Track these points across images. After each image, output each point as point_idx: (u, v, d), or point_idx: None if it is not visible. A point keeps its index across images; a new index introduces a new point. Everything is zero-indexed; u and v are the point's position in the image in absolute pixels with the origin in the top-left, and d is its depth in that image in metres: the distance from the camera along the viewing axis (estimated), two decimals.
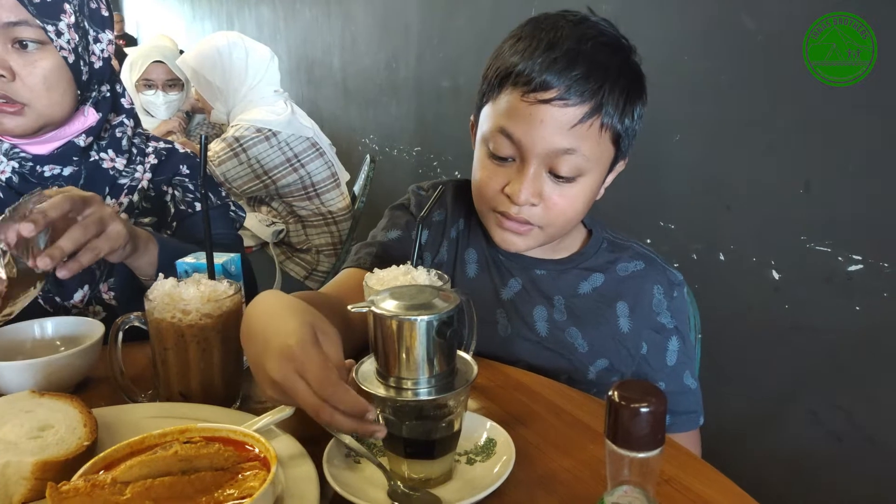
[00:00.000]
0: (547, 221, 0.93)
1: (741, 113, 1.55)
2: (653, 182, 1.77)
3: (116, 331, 0.77)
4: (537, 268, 1.02)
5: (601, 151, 0.91)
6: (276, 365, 0.60)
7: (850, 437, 1.44)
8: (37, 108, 1.03)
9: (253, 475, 0.57)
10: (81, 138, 1.10)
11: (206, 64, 2.32)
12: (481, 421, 0.73)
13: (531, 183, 0.89)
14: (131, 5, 8.98)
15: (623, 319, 1.00)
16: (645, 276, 1.01)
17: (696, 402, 1.02)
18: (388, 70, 3.13)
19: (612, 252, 1.04)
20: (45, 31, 1.01)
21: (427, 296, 0.62)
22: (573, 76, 0.85)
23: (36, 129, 1.05)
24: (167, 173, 1.19)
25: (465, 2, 2.52)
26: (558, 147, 0.87)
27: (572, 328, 0.99)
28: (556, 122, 0.86)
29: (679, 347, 1.01)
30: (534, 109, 0.87)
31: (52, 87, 1.04)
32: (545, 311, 1.00)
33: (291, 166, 2.27)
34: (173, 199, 1.19)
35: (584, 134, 0.88)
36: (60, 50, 1.03)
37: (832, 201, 1.40)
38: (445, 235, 1.05)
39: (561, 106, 0.86)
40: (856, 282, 1.38)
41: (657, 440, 0.48)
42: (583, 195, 0.93)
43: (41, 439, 0.64)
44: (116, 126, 1.15)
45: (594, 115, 0.87)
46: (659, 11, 1.71)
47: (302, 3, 4.02)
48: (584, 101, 0.86)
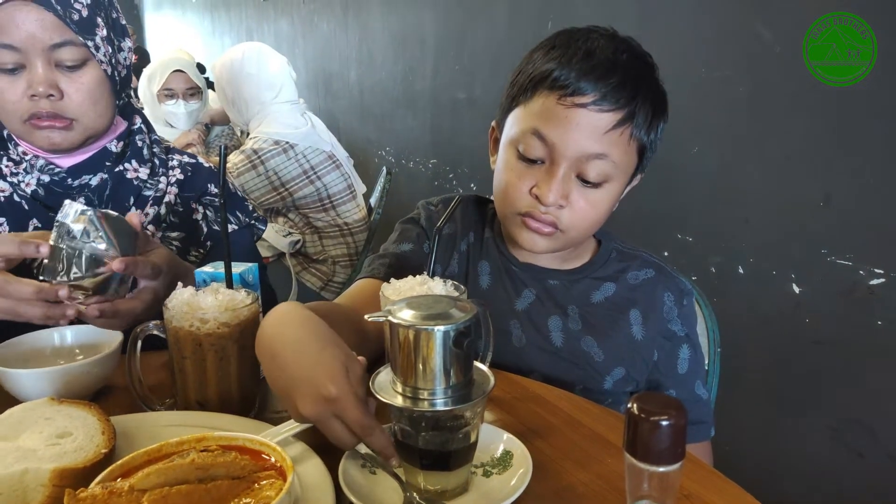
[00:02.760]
0: (570, 225, 0.94)
1: (758, 124, 1.54)
2: (671, 194, 1.76)
3: (135, 339, 0.78)
4: (550, 278, 1.03)
5: (628, 161, 0.93)
6: (312, 406, 0.62)
7: (871, 452, 1.41)
8: (84, 122, 1.06)
9: (269, 484, 0.57)
10: (113, 143, 1.12)
11: (224, 75, 2.35)
12: (498, 433, 0.73)
13: (560, 185, 0.91)
14: (152, 21, 9.13)
15: (636, 327, 1.00)
16: (656, 284, 1.02)
17: (707, 412, 1.02)
18: (404, 83, 3.15)
19: (622, 261, 1.04)
20: (88, 48, 1.03)
21: (444, 306, 0.62)
22: (610, 83, 0.88)
23: (82, 141, 1.08)
24: (195, 191, 1.21)
25: (481, 15, 2.53)
26: (590, 151, 0.89)
27: (588, 337, 0.99)
28: (591, 127, 0.88)
29: (690, 356, 1.01)
30: (570, 112, 0.89)
31: (98, 101, 1.06)
32: (560, 320, 1.00)
33: (308, 178, 2.28)
34: (205, 218, 1.21)
35: (615, 141, 0.90)
36: (101, 64, 1.05)
37: (853, 214, 1.39)
38: (456, 249, 1.07)
39: (596, 111, 0.88)
40: (877, 296, 1.36)
41: (677, 454, 0.47)
42: (606, 202, 0.94)
43: (59, 446, 0.65)
44: (136, 133, 1.17)
45: (626, 123, 0.89)
46: (674, 23, 1.71)
47: (319, 18, 4.06)
48: (618, 108, 0.89)
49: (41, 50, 1.00)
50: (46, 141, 1.04)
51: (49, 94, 1.01)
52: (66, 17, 1.00)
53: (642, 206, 1.80)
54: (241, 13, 5.55)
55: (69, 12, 1.00)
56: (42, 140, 1.04)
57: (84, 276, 0.85)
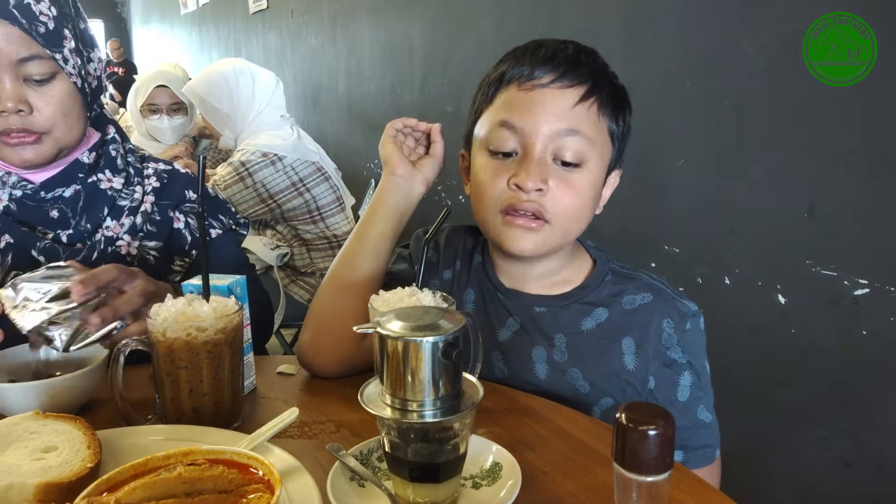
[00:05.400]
0: (555, 212, 0.90)
1: (743, 136, 1.56)
2: (657, 206, 1.78)
3: (117, 354, 0.77)
4: (537, 305, 0.98)
5: (602, 139, 0.92)
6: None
7: (858, 462, 1.42)
8: (54, 136, 1.04)
9: (257, 498, 0.56)
10: (85, 154, 1.11)
11: (213, 91, 2.35)
12: (487, 445, 0.72)
13: (537, 167, 0.89)
14: (140, 34, 9.12)
15: (629, 357, 0.95)
16: (653, 310, 0.96)
17: (711, 435, 0.97)
18: (392, 95, 3.16)
19: (618, 284, 0.99)
20: (56, 61, 1.01)
21: (433, 317, 0.62)
22: (565, 61, 0.90)
23: (54, 155, 1.06)
24: (173, 198, 1.19)
25: (469, 27, 2.55)
26: (560, 128, 0.89)
27: (573, 369, 0.95)
28: (557, 105, 0.89)
29: (692, 382, 0.96)
30: (533, 95, 0.90)
31: (68, 113, 1.04)
32: (545, 351, 0.96)
33: (297, 190, 2.28)
34: (188, 226, 1.20)
35: (584, 116, 0.90)
36: (70, 76, 1.04)
37: (837, 224, 1.40)
38: (437, 276, 1.05)
39: (558, 88, 0.89)
40: (862, 305, 1.37)
41: (665, 463, 0.48)
42: (586, 189, 0.92)
43: (45, 461, 0.64)
44: (109, 143, 1.15)
45: (591, 97, 0.90)
46: (659, 36, 1.73)
47: (308, 31, 4.08)
48: (580, 82, 0.90)
49: (8, 65, 0.98)
50: (18, 158, 1.03)
51: (18, 110, 0.99)
52: (33, 31, 0.98)
53: (629, 217, 1.81)
54: (229, 27, 5.56)
55: (35, 25, 0.98)
56: (13, 157, 1.03)
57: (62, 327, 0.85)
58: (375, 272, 0.98)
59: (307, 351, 0.98)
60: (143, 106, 2.75)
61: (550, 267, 0.99)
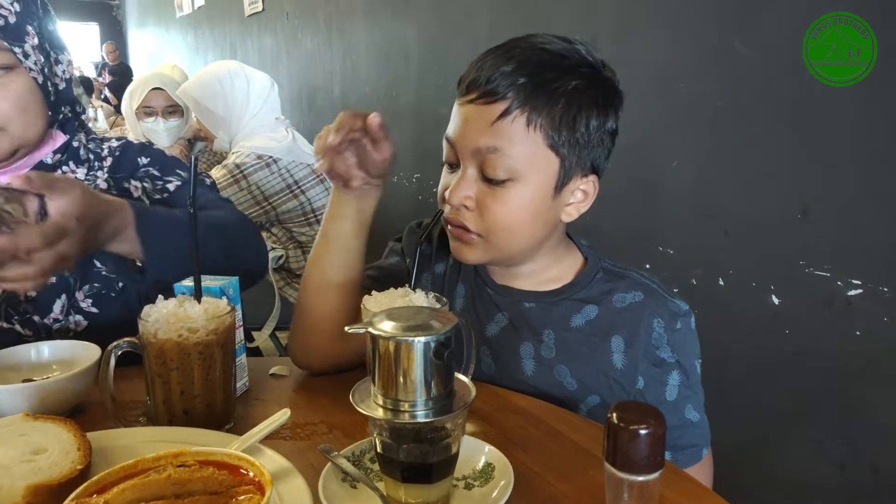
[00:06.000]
0: (484, 228, 0.90)
1: (737, 138, 1.56)
2: (651, 208, 1.78)
3: (108, 356, 0.77)
4: (526, 300, 0.98)
5: (535, 157, 0.88)
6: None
7: (852, 464, 1.42)
8: (11, 131, 1.03)
9: (247, 499, 0.56)
10: (49, 156, 1.10)
11: (207, 94, 2.35)
12: (479, 445, 0.72)
13: (461, 184, 0.90)
14: (136, 37, 9.10)
15: (617, 355, 0.94)
16: (643, 308, 0.95)
17: (699, 434, 0.96)
18: (388, 97, 3.16)
19: (609, 282, 0.98)
20: (14, 54, 1.00)
21: (424, 317, 0.62)
22: (499, 72, 0.87)
23: (11, 152, 1.05)
24: (127, 170, 1.18)
25: (464, 30, 2.55)
26: (481, 145, 0.88)
27: (560, 366, 0.95)
28: (479, 120, 0.88)
29: (681, 381, 0.95)
30: (463, 109, 0.91)
31: (26, 109, 1.03)
32: (532, 347, 0.96)
33: (292, 192, 2.28)
34: (144, 191, 1.17)
35: (507, 132, 0.86)
36: (30, 71, 1.03)
37: (830, 226, 1.41)
38: (430, 270, 1.05)
39: (482, 104, 0.88)
40: (856, 306, 1.38)
41: (656, 462, 0.48)
42: (520, 203, 0.89)
43: (34, 463, 0.63)
44: (72, 140, 1.14)
45: (515, 112, 0.86)
46: (653, 37, 1.73)
47: (303, 33, 4.07)
48: (503, 97, 0.86)
49: None
50: None
51: None
52: None
53: (623, 219, 1.81)
54: (224, 29, 5.55)
55: None
56: None
57: None
58: (348, 271, 0.96)
59: (295, 351, 1.00)
60: (139, 108, 2.75)
61: (536, 266, 0.99)
